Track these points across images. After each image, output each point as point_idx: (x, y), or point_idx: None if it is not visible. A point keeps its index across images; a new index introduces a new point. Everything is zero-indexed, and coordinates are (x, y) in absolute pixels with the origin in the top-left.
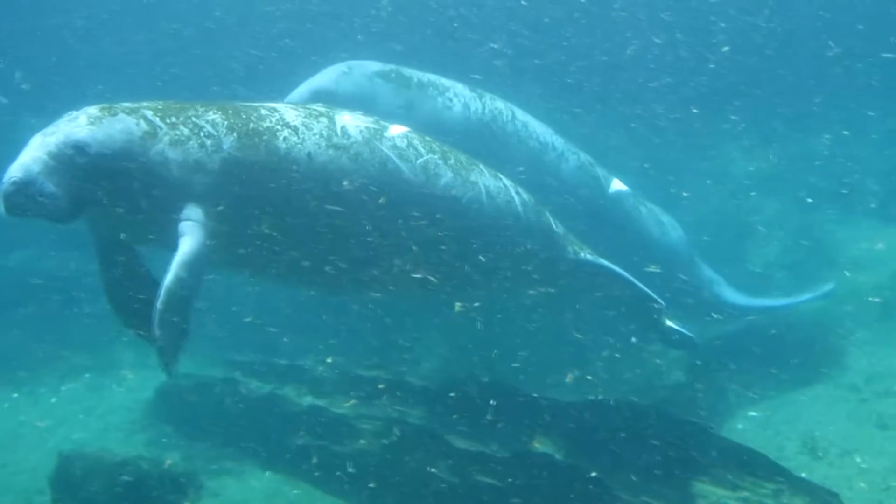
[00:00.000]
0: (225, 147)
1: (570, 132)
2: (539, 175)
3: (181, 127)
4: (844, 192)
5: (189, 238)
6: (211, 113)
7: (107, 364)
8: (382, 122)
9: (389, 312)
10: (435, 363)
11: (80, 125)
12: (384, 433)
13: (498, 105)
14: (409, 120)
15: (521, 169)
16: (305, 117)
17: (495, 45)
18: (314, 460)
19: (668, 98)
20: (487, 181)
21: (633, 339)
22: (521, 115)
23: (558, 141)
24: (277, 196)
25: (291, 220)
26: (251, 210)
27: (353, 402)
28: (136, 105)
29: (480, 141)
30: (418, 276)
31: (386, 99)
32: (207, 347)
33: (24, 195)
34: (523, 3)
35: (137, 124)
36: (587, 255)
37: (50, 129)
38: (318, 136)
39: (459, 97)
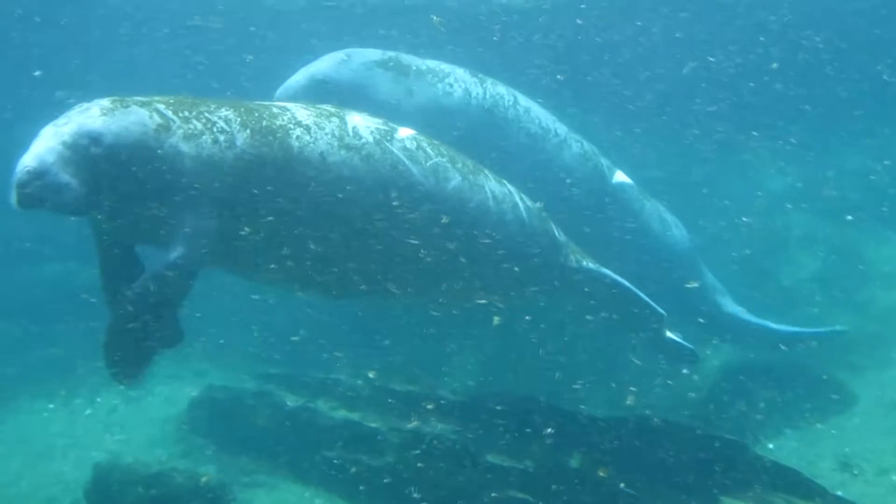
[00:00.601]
0: (238, 143)
1: (608, 145)
2: (540, 161)
3: (194, 121)
4: (884, 209)
5: (178, 249)
6: (223, 109)
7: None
8: (391, 124)
9: (422, 326)
10: (468, 378)
11: (93, 116)
12: (417, 447)
13: (499, 90)
14: (409, 108)
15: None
16: (317, 116)
17: (551, 67)
18: (347, 474)
19: (711, 112)
20: (493, 186)
21: (661, 357)
22: (524, 101)
23: (561, 128)
24: (289, 195)
25: (301, 221)
26: (262, 209)
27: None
28: (147, 99)
29: (482, 126)
30: (422, 280)
31: (385, 87)
32: (241, 360)
33: (38, 185)
34: (579, 21)
35: (151, 117)
36: (589, 263)
37: (62, 119)
38: (330, 136)
39: (460, 83)
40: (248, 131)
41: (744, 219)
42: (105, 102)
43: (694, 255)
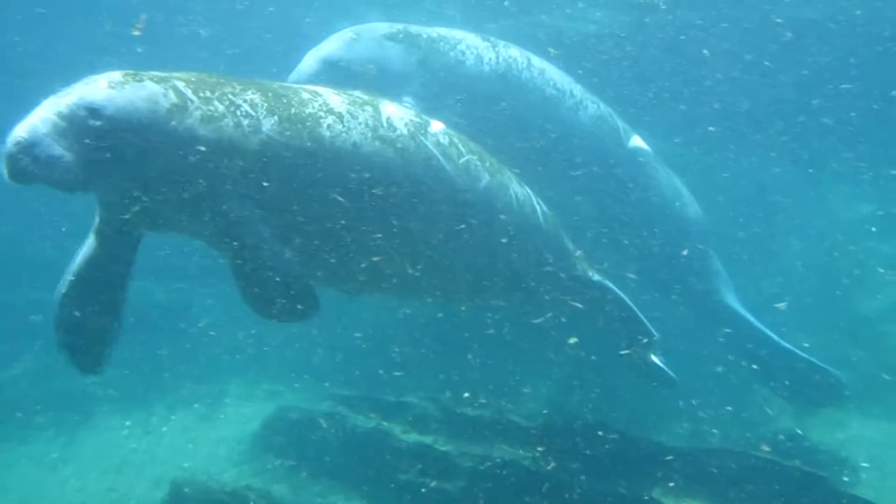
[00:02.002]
0: (264, 129)
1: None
2: (556, 123)
3: (216, 103)
4: None
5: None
6: (250, 92)
7: (216, 395)
8: (424, 117)
9: (494, 351)
10: (540, 402)
11: (98, 87)
12: (488, 472)
13: (512, 53)
14: (424, 78)
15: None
16: (350, 105)
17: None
18: (418, 497)
19: (785, 137)
20: (516, 188)
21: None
22: (538, 63)
23: (577, 88)
24: (318, 186)
25: (329, 212)
26: (288, 199)
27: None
28: (166, 75)
29: (496, 91)
30: (440, 277)
31: (398, 60)
32: (314, 381)
33: (28, 157)
34: (682, 37)
35: (165, 95)
36: (595, 275)
37: (65, 91)
38: (363, 126)
39: (472, 49)
40: (275, 118)
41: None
42: (116, 75)
43: (705, 234)
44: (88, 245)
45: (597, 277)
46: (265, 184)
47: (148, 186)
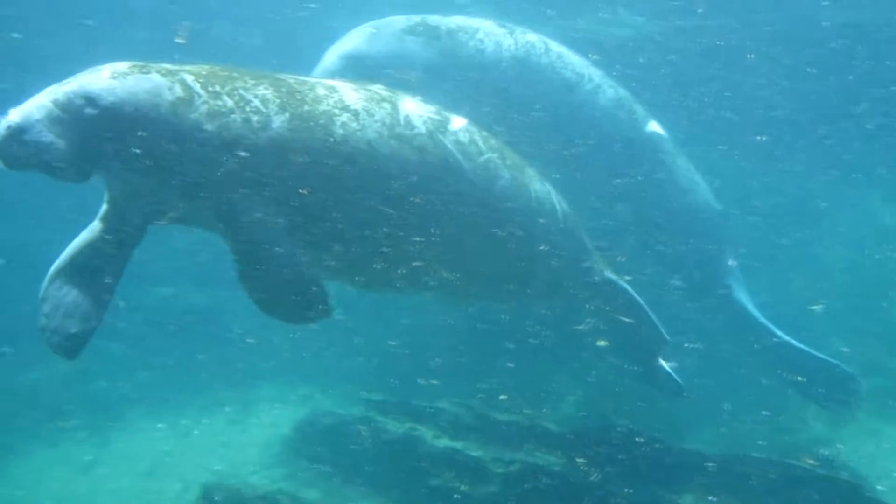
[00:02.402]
0: (274, 126)
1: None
2: (575, 107)
3: (225, 98)
4: None
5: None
6: (262, 87)
7: (247, 398)
8: (444, 113)
9: (526, 356)
10: (572, 408)
11: (100, 77)
12: (520, 478)
13: (530, 38)
14: (445, 70)
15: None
16: (367, 101)
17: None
18: (449, 502)
19: (829, 141)
20: (536, 186)
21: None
22: (556, 47)
23: (595, 72)
24: (329, 186)
25: (341, 211)
26: (296, 198)
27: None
28: (176, 67)
29: (516, 77)
30: (456, 276)
31: (419, 54)
32: (346, 385)
33: (18, 142)
34: (720, 42)
35: (170, 88)
36: (610, 274)
37: (67, 79)
38: (379, 124)
39: (490, 36)
40: (286, 115)
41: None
42: (122, 65)
43: (719, 225)
44: (91, 229)
45: (613, 277)
46: (275, 182)
47: (150, 180)
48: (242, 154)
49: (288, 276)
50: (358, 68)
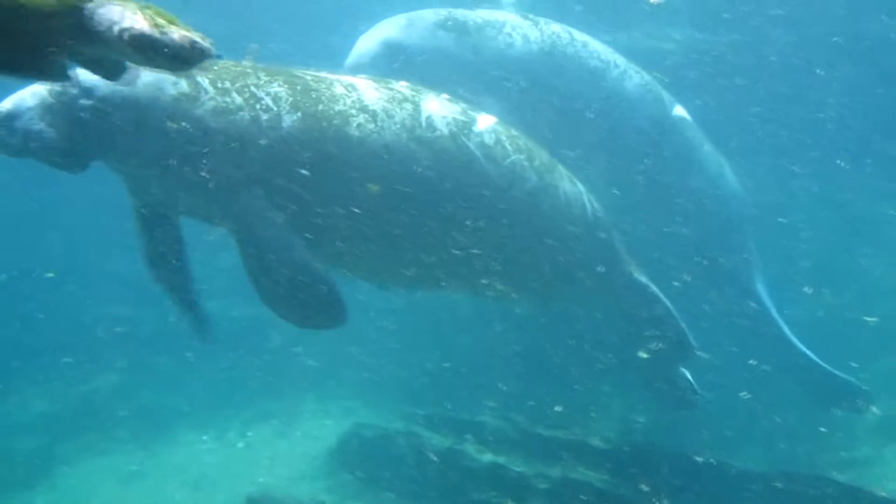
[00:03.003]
0: (285, 126)
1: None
2: (603, 94)
3: (234, 94)
4: None
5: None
6: (276, 84)
7: (291, 411)
8: (471, 113)
9: (572, 370)
10: (614, 424)
11: None
12: (563, 494)
13: (554, 28)
14: (478, 66)
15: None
16: (388, 101)
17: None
18: None
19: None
20: (566, 187)
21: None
22: (579, 35)
23: (619, 59)
24: (343, 189)
25: (354, 216)
26: (310, 200)
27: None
28: None
29: (545, 69)
30: (479, 279)
31: (451, 50)
32: (389, 399)
33: (7, 129)
34: (773, 58)
35: (175, 83)
36: (641, 277)
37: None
38: (399, 126)
39: (517, 30)
40: (298, 114)
41: None
42: None
43: (744, 215)
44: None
45: (644, 280)
46: (285, 184)
47: (147, 174)
48: (249, 153)
49: (295, 275)
50: (395, 57)
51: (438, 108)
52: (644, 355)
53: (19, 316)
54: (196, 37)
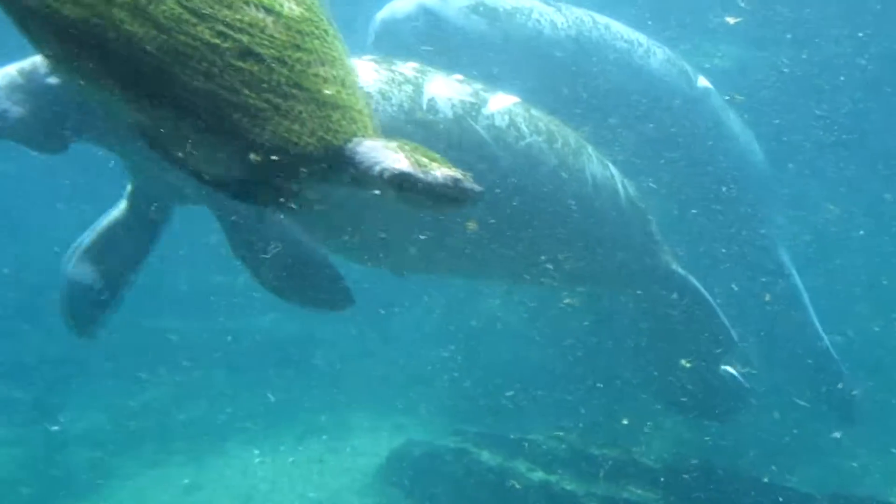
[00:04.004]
0: None
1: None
2: (631, 74)
3: None
4: None
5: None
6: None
7: (343, 427)
8: (483, 95)
9: (624, 388)
10: (668, 442)
11: None
12: None
13: (577, 13)
14: (509, 52)
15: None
16: (386, 83)
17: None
18: None
19: None
20: (595, 170)
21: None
22: (601, 18)
23: (641, 36)
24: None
25: (342, 201)
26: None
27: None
28: None
29: (573, 55)
30: (494, 265)
31: (483, 33)
32: (440, 416)
33: None
34: (842, 78)
35: None
36: (679, 268)
37: None
38: (396, 109)
39: (544, 16)
40: None
41: None
42: None
43: (770, 181)
44: (117, 208)
45: (682, 272)
46: None
47: (132, 155)
48: None
49: (289, 254)
50: (426, 24)
51: (444, 90)
52: (686, 364)
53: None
54: (458, 174)
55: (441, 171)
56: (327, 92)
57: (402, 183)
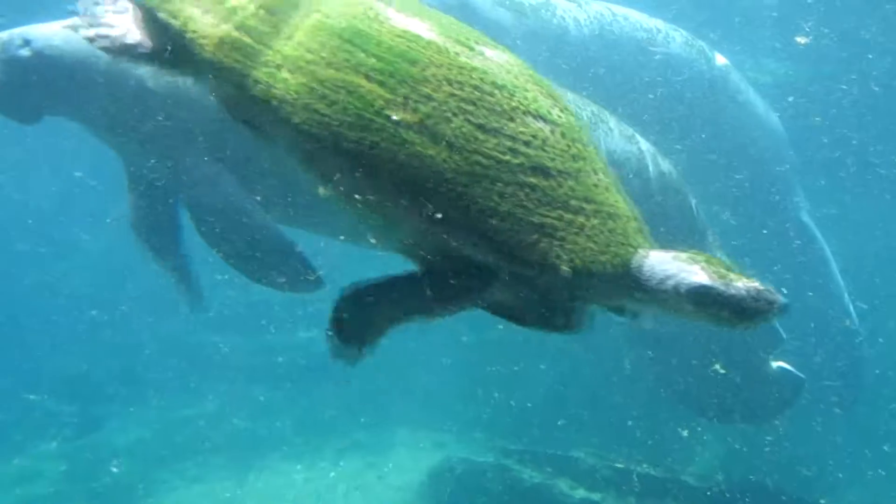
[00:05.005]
0: None
1: None
2: (654, 61)
3: None
4: None
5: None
6: None
7: (383, 443)
8: None
9: (659, 407)
10: (713, 460)
11: (50, 26)
12: None
13: (596, 7)
14: (537, 49)
15: None
16: None
17: None
18: None
19: None
20: (614, 144)
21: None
22: (619, 10)
23: (659, 22)
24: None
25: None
26: (254, 159)
27: None
28: None
29: (597, 49)
30: None
31: (511, 28)
32: (481, 433)
33: None
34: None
35: None
36: (723, 257)
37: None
38: None
39: (567, 12)
40: None
41: None
42: None
43: (787, 149)
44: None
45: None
46: (229, 143)
47: (98, 130)
48: (186, 112)
49: (253, 236)
50: (463, 8)
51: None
52: (721, 371)
53: (117, 344)
54: (760, 286)
55: (743, 283)
56: (609, 201)
57: (701, 298)
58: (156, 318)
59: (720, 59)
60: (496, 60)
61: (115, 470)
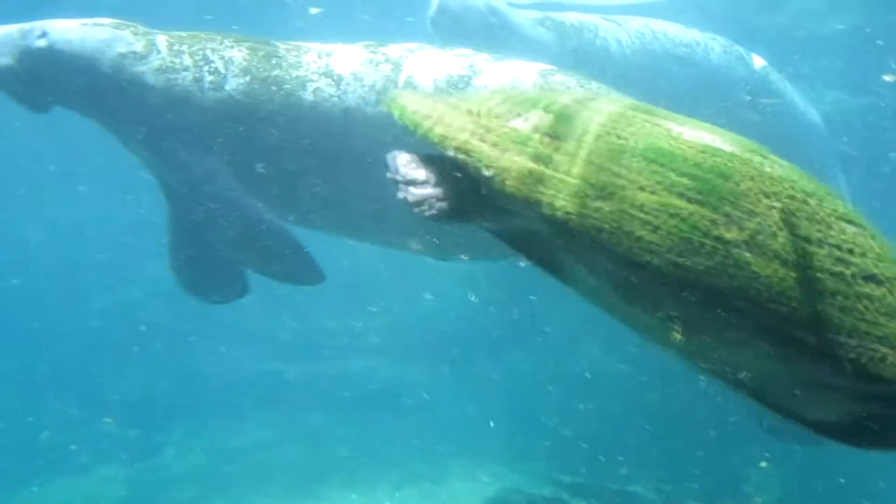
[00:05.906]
0: (227, 88)
1: None
2: (697, 74)
3: (184, 56)
4: None
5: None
6: (235, 50)
7: (440, 474)
8: (477, 68)
9: (722, 438)
10: (770, 497)
11: (70, 21)
12: None
13: (635, 26)
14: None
15: None
16: (362, 65)
17: None
18: None
19: None
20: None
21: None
22: (657, 26)
23: (696, 34)
24: (292, 152)
25: (309, 178)
26: (255, 159)
27: None
28: (155, 31)
29: (640, 69)
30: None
31: (552, 48)
32: (537, 465)
33: None
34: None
35: (129, 43)
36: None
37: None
38: (367, 90)
39: (609, 34)
40: (246, 77)
41: None
42: (102, 20)
43: (830, 143)
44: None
45: None
46: (223, 141)
47: (102, 123)
48: (183, 111)
49: (247, 229)
50: (488, 15)
51: (428, 66)
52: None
53: (182, 370)
54: None
55: None
56: None
57: None
58: (228, 348)
59: (758, 62)
60: (788, 166)
61: (171, 495)
